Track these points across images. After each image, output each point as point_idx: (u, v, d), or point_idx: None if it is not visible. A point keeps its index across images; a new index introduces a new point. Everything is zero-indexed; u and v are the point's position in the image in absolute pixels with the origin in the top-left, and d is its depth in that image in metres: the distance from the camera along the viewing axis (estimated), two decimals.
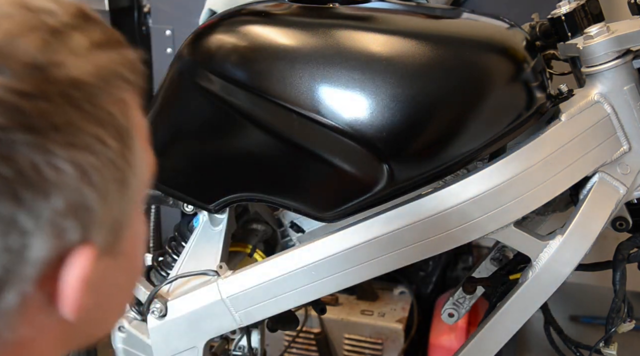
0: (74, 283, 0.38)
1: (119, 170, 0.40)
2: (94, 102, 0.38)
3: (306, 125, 0.86)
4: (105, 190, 0.39)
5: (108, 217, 0.40)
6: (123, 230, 0.42)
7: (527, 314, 0.93)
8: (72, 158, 0.36)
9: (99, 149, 0.38)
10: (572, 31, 0.91)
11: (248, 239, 1.12)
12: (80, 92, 0.37)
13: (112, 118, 0.39)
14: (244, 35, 0.89)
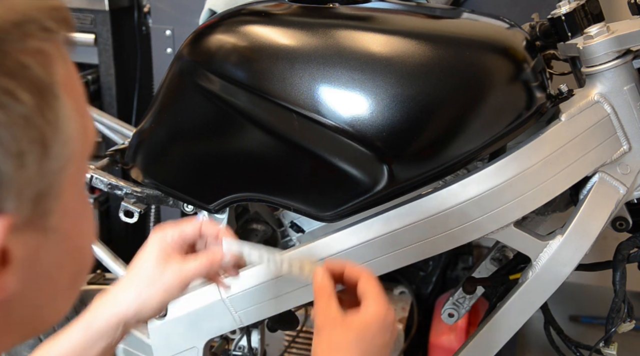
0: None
1: (36, 130, 0.35)
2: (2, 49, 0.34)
3: (306, 125, 0.86)
4: (19, 150, 0.34)
5: (24, 183, 0.35)
6: (49, 203, 0.38)
7: (527, 314, 0.93)
8: None
9: (7, 103, 0.34)
10: (572, 31, 0.91)
11: (248, 239, 1.12)
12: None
13: (25, 70, 0.35)
14: (244, 35, 0.89)
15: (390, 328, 0.65)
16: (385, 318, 0.64)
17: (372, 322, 0.64)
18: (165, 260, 0.73)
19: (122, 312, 0.71)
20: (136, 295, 0.72)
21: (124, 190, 1.02)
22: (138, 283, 0.72)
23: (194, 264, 0.73)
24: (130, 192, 1.01)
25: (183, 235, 0.75)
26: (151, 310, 0.72)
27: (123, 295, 0.72)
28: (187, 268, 0.73)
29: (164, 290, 0.72)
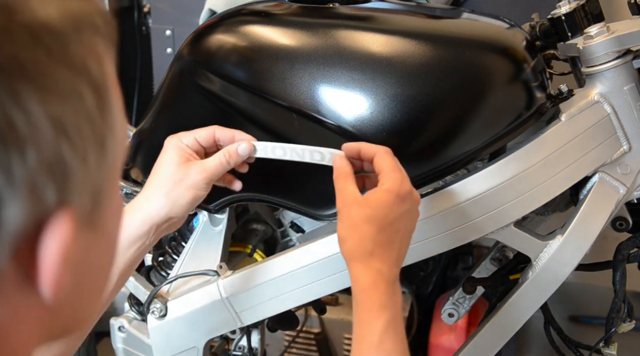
0: (54, 255, 0.34)
1: (97, 128, 0.36)
2: (65, 48, 0.34)
3: (306, 125, 0.86)
4: (84, 148, 0.35)
5: (87, 181, 0.36)
6: (102, 200, 0.38)
7: (527, 314, 0.93)
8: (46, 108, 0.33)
9: (74, 101, 0.34)
10: (572, 31, 0.91)
11: (248, 239, 1.12)
12: (50, 36, 0.33)
13: (85, 69, 0.35)
14: (244, 35, 0.89)
15: (407, 199, 0.68)
16: (400, 190, 0.68)
17: (386, 196, 0.67)
18: (186, 162, 0.77)
19: (153, 216, 0.76)
20: (166, 198, 0.75)
21: (124, 190, 1.02)
22: (165, 186, 0.76)
23: (215, 160, 0.77)
24: (131, 192, 1.01)
25: (199, 138, 0.79)
26: (181, 211, 0.77)
27: (153, 200, 0.76)
28: (209, 165, 0.77)
29: (191, 188, 0.76)
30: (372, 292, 0.65)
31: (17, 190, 0.32)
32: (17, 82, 0.31)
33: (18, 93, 0.31)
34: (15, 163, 0.31)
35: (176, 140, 0.78)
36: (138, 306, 1.03)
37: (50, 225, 0.34)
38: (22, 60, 0.32)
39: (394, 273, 0.67)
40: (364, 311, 0.66)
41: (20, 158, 0.32)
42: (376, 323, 0.64)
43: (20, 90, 0.32)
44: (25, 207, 0.32)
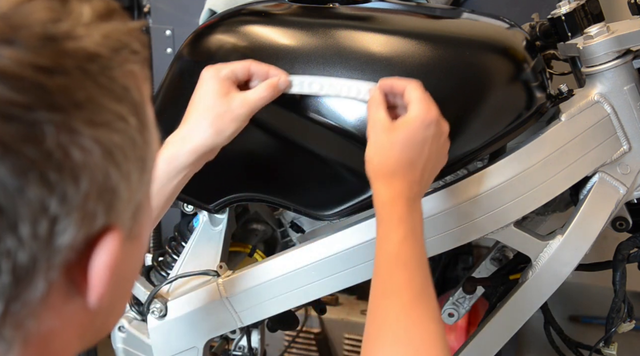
0: (102, 270, 0.37)
1: (139, 149, 0.38)
2: (110, 76, 0.36)
3: (306, 125, 0.86)
4: (128, 170, 0.37)
5: (130, 200, 0.38)
6: (141, 214, 0.41)
7: (527, 314, 0.93)
8: (97, 137, 0.35)
9: (121, 127, 0.36)
10: (572, 31, 0.91)
11: (248, 239, 1.12)
12: (95, 65, 0.35)
13: (127, 93, 0.37)
14: (244, 35, 0.89)
15: (431, 125, 0.72)
16: (425, 117, 0.71)
17: (411, 122, 0.71)
18: (226, 94, 0.79)
19: (200, 147, 0.79)
20: (211, 129, 0.78)
21: None
22: (209, 117, 0.78)
23: (256, 93, 0.79)
24: None
25: (235, 71, 0.80)
26: (225, 141, 0.80)
27: (199, 130, 0.78)
28: (251, 98, 0.79)
29: (235, 120, 0.79)
30: (391, 207, 0.69)
31: (71, 213, 0.34)
32: (72, 117, 0.34)
33: (73, 127, 0.34)
34: (70, 190, 0.34)
35: (214, 71, 0.79)
36: (138, 306, 1.03)
37: (99, 242, 0.36)
38: (75, 96, 0.34)
39: (414, 192, 0.71)
40: (383, 224, 0.70)
41: (74, 185, 0.34)
42: (394, 234, 0.68)
43: (75, 125, 0.34)
44: (77, 228, 0.35)
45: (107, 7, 0.38)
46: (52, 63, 0.33)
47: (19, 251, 0.33)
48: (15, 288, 0.34)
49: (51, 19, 0.34)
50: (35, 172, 0.32)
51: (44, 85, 0.33)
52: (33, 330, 0.36)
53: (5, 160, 0.31)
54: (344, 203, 0.89)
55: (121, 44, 0.37)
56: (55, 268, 0.35)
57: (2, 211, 0.32)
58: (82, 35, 0.35)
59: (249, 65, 0.80)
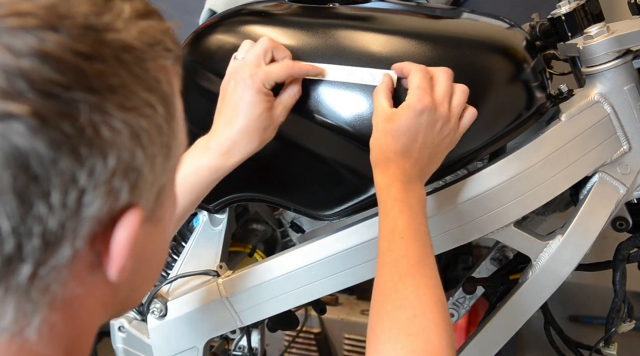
0: (123, 244, 0.40)
1: (165, 136, 0.41)
2: (143, 66, 0.40)
3: (306, 125, 0.86)
4: (153, 154, 0.40)
5: (154, 182, 0.41)
6: (163, 196, 0.44)
7: (527, 314, 0.93)
8: (126, 119, 0.38)
9: (149, 113, 0.40)
10: (572, 31, 0.91)
11: (248, 239, 1.12)
12: (130, 55, 0.39)
13: (158, 85, 0.41)
14: (244, 35, 0.88)
15: (424, 113, 0.74)
16: (417, 105, 0.74)
17: (404, 111, 0.74)
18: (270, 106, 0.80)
19: (244, 159, 0.82)
20: (256, 143, 0.81)
21: None
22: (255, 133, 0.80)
23: (289, 95, 0.82)
24: None
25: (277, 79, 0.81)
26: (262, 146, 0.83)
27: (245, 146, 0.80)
28: (288, 103, 0.82)
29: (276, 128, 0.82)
30: (387, 190, 0.73)
31: (98, 187, 0.37)
32: (106, 100, 0.37)
33: (105, 109, 0.37)
34: (99, 165, 0.37)
35: (259, 82, 0.79)
36: (138, 306, 1.03)
37: (122, 218, 0.40)
38: (109, 81, 0.37)
39: (410, 176, 0.74)
40: (381, 207, 0.73)
41: (103, 161, 0.37)
42: (390, 212, 0.72)
43: (108, 107, 0.37)
44: (103, 202, 0.38)
45: (145, 7, 0.42)
46: (91, 50, 0.37)
47: (49, 217, 0.36)
48: (44, 252, 0.37)
49: (94, 12, 0.38)
50: (69, 146, 0.36)
51: (82, 69, 0.36)
52: (59, 294, 0.39)
53: (42, 133, 0.35)
54: (344, 203, 0.89)
55: (156, 41, 0.41)
56: (81, 237, 0.38)
57: (37, 179, 0.35)
58: (121, 28, 0.39)
59: (291, 72, 0.81)
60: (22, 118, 0.34)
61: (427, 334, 0.62)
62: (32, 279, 0.37)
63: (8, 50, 0.35)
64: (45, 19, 0.36)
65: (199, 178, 0.81)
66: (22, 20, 0.35)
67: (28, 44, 0.35)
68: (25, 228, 0.36)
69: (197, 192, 0.82)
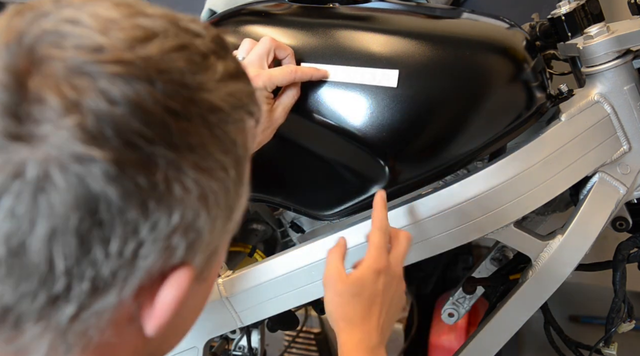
0: (168, 302, 0.39)
1: (231, 199, 0.41)
2: (224, 128, 0.40)
3: (306, 125, 0.86)
4: (216, 216, 0.40)
5: (210, 243, 0.41)
6: (214, 258, 0.44)
7: (527, 314, 0.93)
8: (198, 179, 0.38)
9: (221, 176, 0.40)
10: (572, 31, 0.91)
11: (248, 239, 1.12)
12: (215, 116, 0.39)
13: (234, 148, 0.41)
14: (244, 35, 0.88)
15: (381, 274, 0.73)
16: (377, 267, 0.73)
17: (363, 273, 0.73)
18: (271, 108, 0.80)
19: None
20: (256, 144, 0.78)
21: None
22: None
23: (289, 97, 0.82)
24: None
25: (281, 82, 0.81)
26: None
27: None
28: (288, 103, 0.81)
29: (275, 129, 0.82)
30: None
31: (157, 242, 0.37)
32: (183, 158, 0.37)
33: (182, 167, 0.37)
34: (162, 221, 0.37)
35: (262, 85, 0.79)
36: None
37: (172, 275, 0.39)
38: (190, 140, 0.37)
39: (374, 340, 0.72)
40: None
41: (167, 217, 0.37)
42: None
43: (184, 165, 0.37)
44: (158, 256, 0.38)
45: (236, 68, 0.42)
46: (181, 108, 0.37)
47: (104, 263, 0.36)
48: (90, 297, 0.36)
49: (190, 70, 0.38)
50: (139, 198, 0.36)
51: (168, 125, 0.36)
52: (94, 340, 0.38)
53: (117, 181, 0.35)
54: (344, 203, 0.89)
55: (241, 104, 0.41)
56: (129, 287, 0.37)
57: (101, 225, 0.35)
58: (212, 89, 0.39)
59: (293, 78, 0.81)
60: (101, 164, 0.34)
61: None
62: (72, 321, 0.37)
63: (103, 96, 0.35)
64: (144, 70, 0.36)
65: None
66: (122, 69, 0.35)
67: (123, 93, 0.35)
68: (79, 270, 0.35)
69: None
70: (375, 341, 0.72)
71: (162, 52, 0.37)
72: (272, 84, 0.79)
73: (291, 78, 0.81)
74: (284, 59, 0.83)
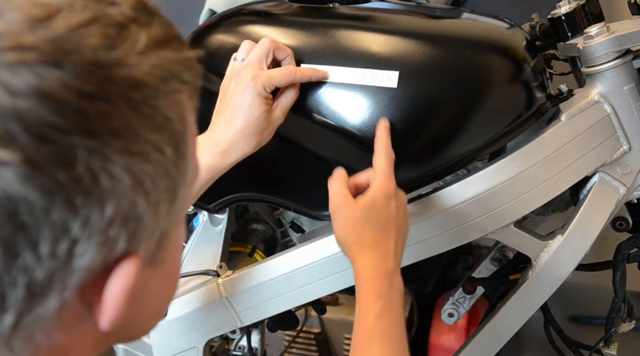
0: (116, 295, 0.37)
1: (172, 180, 0.38)
2: (153, 105, 0.36)
3: (306, 125, 0.86)
4: (157, 200, 0.37)
5: (156, 228, 0.38)
6: (166, 240, 0.41)
7: (527, 314, 0.93)
8: (129, 166, 0.35)
9: (156, 157, 0.36)
10: (572, 31, 0.91)
11: (248, 239, 1.12)
12: (140, 93, 0.35)
13: (169, 123, 0.37)
14: (244, 35, 0.88)
15: (392, 199, 0.73)
16: (387, 192, 0.73)
17: (375, 198, 0.72)
18: (269, 109, 0.80)
19: (239, 160, 0.81)
20: (253, 145, 0.80)
21: None
22: (253, 135, 0.80)
23: (288, 99, 0.81)
24: None
25: (280, 83, 0.80)
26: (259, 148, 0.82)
27: (241, 147, 0.80)
28: (286, 105, 0.82)
29: (273, 130, 0.82)
30: (369, 283, 0.71)
31: (92, 237, 0.34)
32: (107, 145, 0.33)
33: (106, 155, 0.33)
34: (94, 215, 0.34)
35: (261, 85, 0.78)
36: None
37: (117, 268, 0.36)
38: (113, 124, 0.34)
39: (390, 264, 0.72)
40: (362, 298, 0.71)
41: (99, 210, 0.34)
42: (372, 308, 0.70)
43: (109, 152, 0.34)
44: (97, 251, 0.35)
45: (165, 34, 0.38)
46: (96, 89, 0.33)
47: (36, 268, 0.33)
48: (28, 303, 0.34)
49: (104, 45, 0.34)
50: (62, 195, 0.32)
51: (84, 111, 0.33)
52: (42, 344, 0.36)
53: (34, 181, 0.32)
54: None
55: (171, 74, 0.37)
56: (70, 288, 0.35)
57: (25, 228, 0.32)
58: (133, 63, 0.35)
59: (293, 79, 0.81)
60: (12, 166, 0.31)
61: None
62: (14, 329, 0.34)
63: (4, 88, 0.31)
64: (49, 54, 0.32)
65: None
66: (23, 55, 0.32)
67: (27, 83, 0.31)
68: (10, 278, 0.33)
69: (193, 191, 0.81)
70: (391, 265, 0.72)
71: (68, 29, 0.33)
72: (271, 85, 0.79)
73: (290, 79, 0.80)
74: (283, 60, 0.83)
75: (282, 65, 0.83)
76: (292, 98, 0.82)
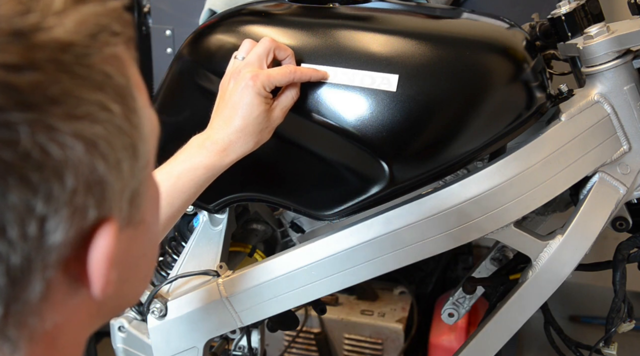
0: (100, 262, 0.36)
1: (127, 136, 0.36)
2: (87, 64, 0.34)
3: (306, 125, 0.86)
4: (116, 160, 0.36)
5: (124, 188, 0.37)
6: (139, 198, 0.40)
7: (527, 314, 0.93)
8: (77, 131, 0.33)
9: (103, 116, 0.34)
10: (572, 31, 0.91)
11: (248, 239, 1.12)
12: (70, 55, 0.33)
13: (109, 79, 0.35)
14: (244, 35, 0.88)
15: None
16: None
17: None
18: (269, 108, 0.81)
19: (238, 158, 0.82)
20: (252, 144, 0.81)
21: None
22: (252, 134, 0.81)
23: (288, 98, 0.82)
24: None
25: (279, 83, 0.81)
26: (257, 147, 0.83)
27: (241, 146, 0.81)
28: (286, 105, 0.83)
29: (273, 130, 0.83)
30: None
31: (59, 211, 0.33)
32: (48, 115, 0.32)
33: (49, 124, 0.32)
34: (55, 188, 0.33)
35: (260, 84, 0.79)
36: (138, 306, 1.03)
37: (94, 236, 0.36)
38: (49, 91, 0.32)
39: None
40: None
41: (59, 183, 0.33)
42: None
43: (52, 121, 0.32)
44: (68, 224, 0.34)
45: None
46: (21, 59, 0.31)
47: (10, 254, 0.32)
48: (13, 289, 0.33)
49: (18, 11, 0.32)
50: (15, 175, 0.31)
51: (13, 84, 0.31)
52: (37, 327, 0.35)
53: None
54: (344, 203, 0.89)
55: (99, 28, 0.35)
56: (51, 266, 0.34)
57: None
58: (53, 25, 0.33)
59: (292, 78, 0.81)
60: None
61: None
62: (5, 318, 0.34)
63: None
64: None
65: (195, 177, 0.80)
66: None
67: None
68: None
69: (192, 190, 0.81)
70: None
71: None
72: (270, 84, 0.79)
73: (290, 78, 0.81)
74: (283, 60, 0.83)
75: (283, 64, 0.83)
76: (292, 98, 0.82)
